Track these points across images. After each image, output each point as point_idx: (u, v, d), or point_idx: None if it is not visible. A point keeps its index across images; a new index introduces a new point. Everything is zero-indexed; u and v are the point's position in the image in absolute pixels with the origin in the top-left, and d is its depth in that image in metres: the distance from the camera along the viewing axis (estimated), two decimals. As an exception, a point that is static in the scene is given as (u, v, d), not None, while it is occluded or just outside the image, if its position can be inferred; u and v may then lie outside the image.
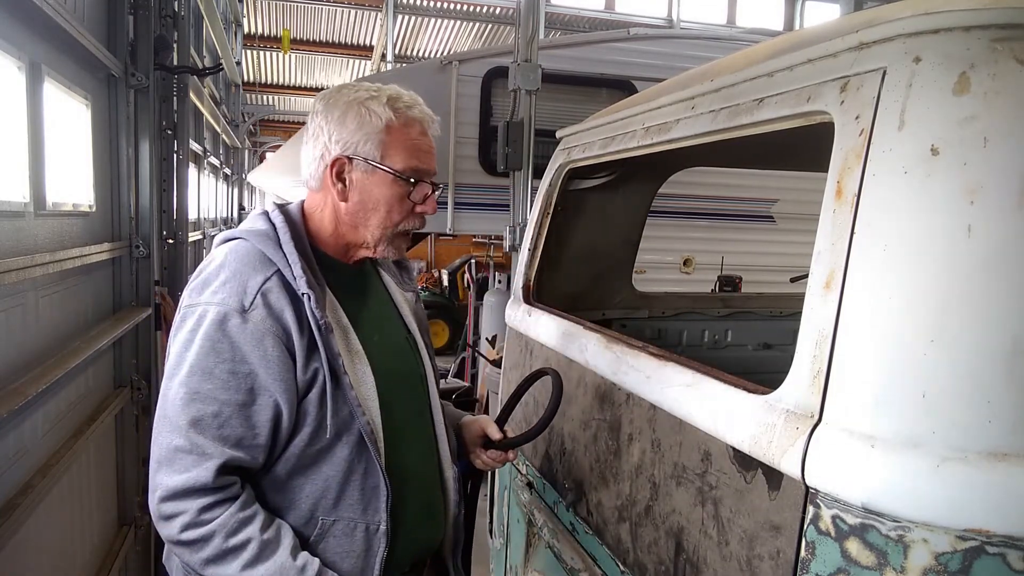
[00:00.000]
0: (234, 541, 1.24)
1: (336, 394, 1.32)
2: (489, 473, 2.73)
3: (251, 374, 1.27)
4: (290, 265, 1.31)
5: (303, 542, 1.34)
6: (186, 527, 1.24)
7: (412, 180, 1.39)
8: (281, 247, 1.34)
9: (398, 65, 12.58)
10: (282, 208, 1.45)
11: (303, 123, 1.56)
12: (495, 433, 1.69)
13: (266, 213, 1.43)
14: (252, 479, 1.33)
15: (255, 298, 1.28)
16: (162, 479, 1.25)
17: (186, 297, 1.34)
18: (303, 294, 1.30)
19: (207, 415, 1.25)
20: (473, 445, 1.71)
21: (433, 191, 1.44)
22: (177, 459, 1.25)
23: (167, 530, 1.26)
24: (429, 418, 1.58)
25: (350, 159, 1.38)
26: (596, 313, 2.70)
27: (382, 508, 1.37)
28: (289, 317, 1.30)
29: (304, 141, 1.44)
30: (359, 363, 1.38)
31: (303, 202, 1.48)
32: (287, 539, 1.29)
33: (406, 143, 1.38)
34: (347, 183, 1.39)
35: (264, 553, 1.25)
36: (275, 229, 1.37)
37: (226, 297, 1.28)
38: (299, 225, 1.42)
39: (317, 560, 1.31)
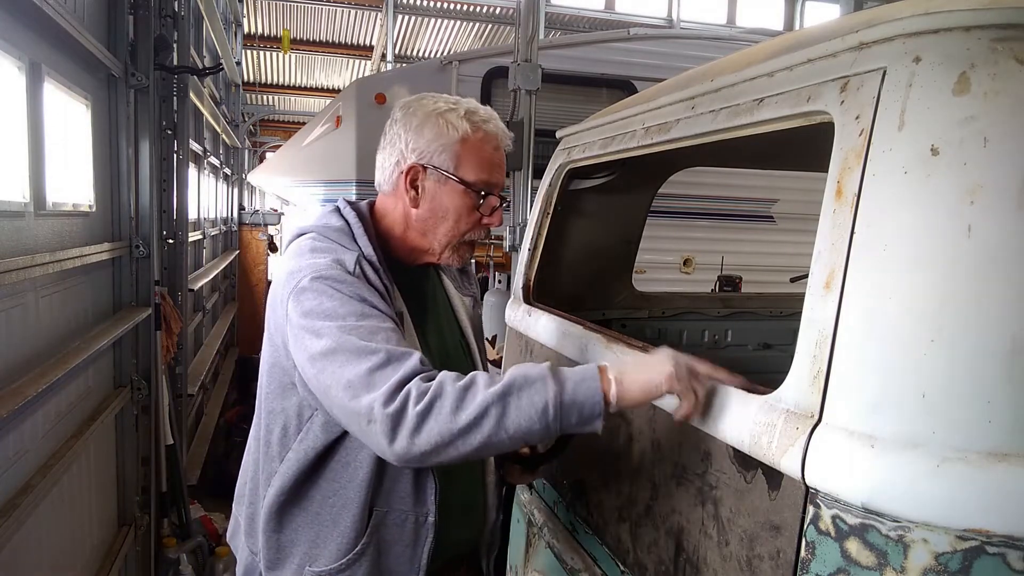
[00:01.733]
0: (463, 382, 1.19)
1: None
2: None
3: (388, 315, 1.30)
4: (366, 257, 1.37)
5: (360, 531, 1.37)
6: (417, 400, 1.17)
7: (482, 192, 1.43)
8: (356, 240, 1.40)
9: (398, 65, 12.58)
10: (353, 205, 1.49)
11: (303, 123, 1.59)
12: (523, 448, 1.68)
13: (338, 209, 1.47)
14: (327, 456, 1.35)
15: (356, 267, 1.32)
16: (371, 398, 1.18)
17: (278, 291, 1.33)
18: (384, 284, 1.36)
19: (386, 330, 1.25)
20: (503, 458, 1.69)
21: (500, 204, 1.48)
22: (376, 377, 1.19)
23: (404, 429, 1.16)
24: None
25: (424, 168, 1.42)
26: (596, 313, 2.70)
27: (430, 500, 1.40)
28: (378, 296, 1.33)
29: (381, 147, 1.49)
30: None
31: (374, 202, 1.53)
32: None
33: (480, 156, 1.42)
34: (420, 191, 1.43)
35: (493, 376, 1.22)
36: (349, 224, 1.43)
37: (330, 263, 1.31)
38: (370, 223, 1.47)
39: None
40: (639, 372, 1.22)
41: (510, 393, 1.17)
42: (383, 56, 12.81)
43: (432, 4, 13.06)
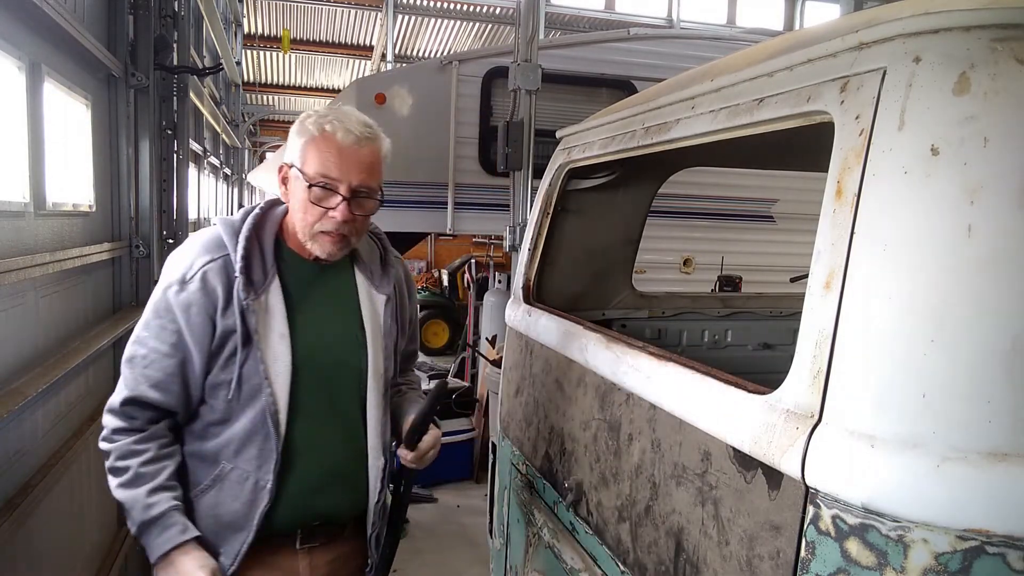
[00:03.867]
0: (119, 464, 1.54)
1: (247, 365, 1.55)
2: (489, 473, 2.73)
3: (176, 332, 1.55)
4: (237, 251, 1.56)
5: (204, 478, 1.60)
6: (101, 439, 1.58)
7: (313, 185, 1.56)
8: (237, 236, 1.58)
9: (398, 65, 12.58)
10: (271, 204, 1.71)
11: None
12: (404, 451, 1.76)
13: (256, 205, 1.69)
14: (177, 425, 1.61)
15: (195, 274, 1.56)
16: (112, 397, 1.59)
17: (168, 268, 1.61)
18: (235, 276, 1.55)
19: (139, 356, 1.57)
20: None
21: (347, 200, 1.56)
22: (119, 385, 1.58)
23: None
24: (360, 408, 1.72)
25: (289, 166, 1.61)
26: (596, 313, 2.70)
27: (271, 469, 1.58)
28: (221, 294, 1.55)
29: None
30: (280, 344, 1.58)
31: None
32: (158, 479, 1.53)
33: (321, 154, 1.56)
34: (287, 186, 1.63)
35: (133, 482, 1.52)
36: (242, 221, 1.62)
37: (175, 270, 1.58)
38: (274, 220, 1.67)
39: (170, 504, 1.52)
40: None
41: (122, 504, 1.53)
42: (383, 56, 12.82)
43: (432, 4, 13.06)
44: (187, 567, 1.49)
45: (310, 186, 1.56)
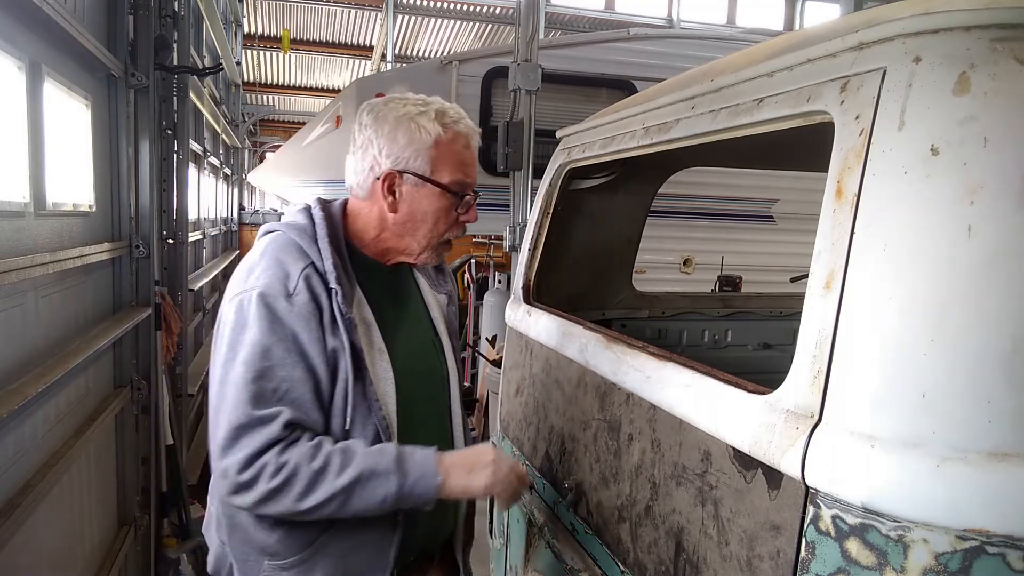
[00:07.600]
0: (316, 464, 1.30)
1: (356, 387, 1.38)
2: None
3: (303, 353, 1.34)
4: (323, 259, 1.39)
5: (323, 528, 1.40)
6: (272, 476, 1.28)
7: (459, 193, 1.45)
8: (316, 242, 1.41)
9: (398, 65, 12.58)
10: (324, 204, 1.51)
11: (303, 123, 1.62)
12: None
13: (309, 208, 1.49)
14: None
15: (298, 283, 1.36)
16: (231, 459, 1.30)
17: (232, 287, 1.40)
18: (331, 289, 1.37)
19: (268, 391, 1.31)
20: None
21: (475, 199, 1.50)
22: (244, 436, 1.29)
23: (252, 495, 1.29)
24: (448, 417, 1.64)
25: (400, 173, 1.43)
26: (596, 313, 2.70)
27: None
28: (325, 305, 1.37)
29: (351, 151, 1.49)
30: (380, 360, 1.44)
31: (347, 201, 1.54)
32: (358, 443, 1.35)
33: (453, 157, 1.44)
34: (397, 196, 1.45)
35: (347, 457, 1.32)
36: (313, 225, 1.44)
37: (270, 282, 1.35)
38: (338, 223, 1.49)
39: (391, 443, 1.37)
40: (463, 476, 1.39)
41: (357, 483, 1.31)
42: (383, 56, 12.83)
43: (432, 4, 13.07)
44: (474, 451, 1.40)
45: (459, 195, 1.45)
